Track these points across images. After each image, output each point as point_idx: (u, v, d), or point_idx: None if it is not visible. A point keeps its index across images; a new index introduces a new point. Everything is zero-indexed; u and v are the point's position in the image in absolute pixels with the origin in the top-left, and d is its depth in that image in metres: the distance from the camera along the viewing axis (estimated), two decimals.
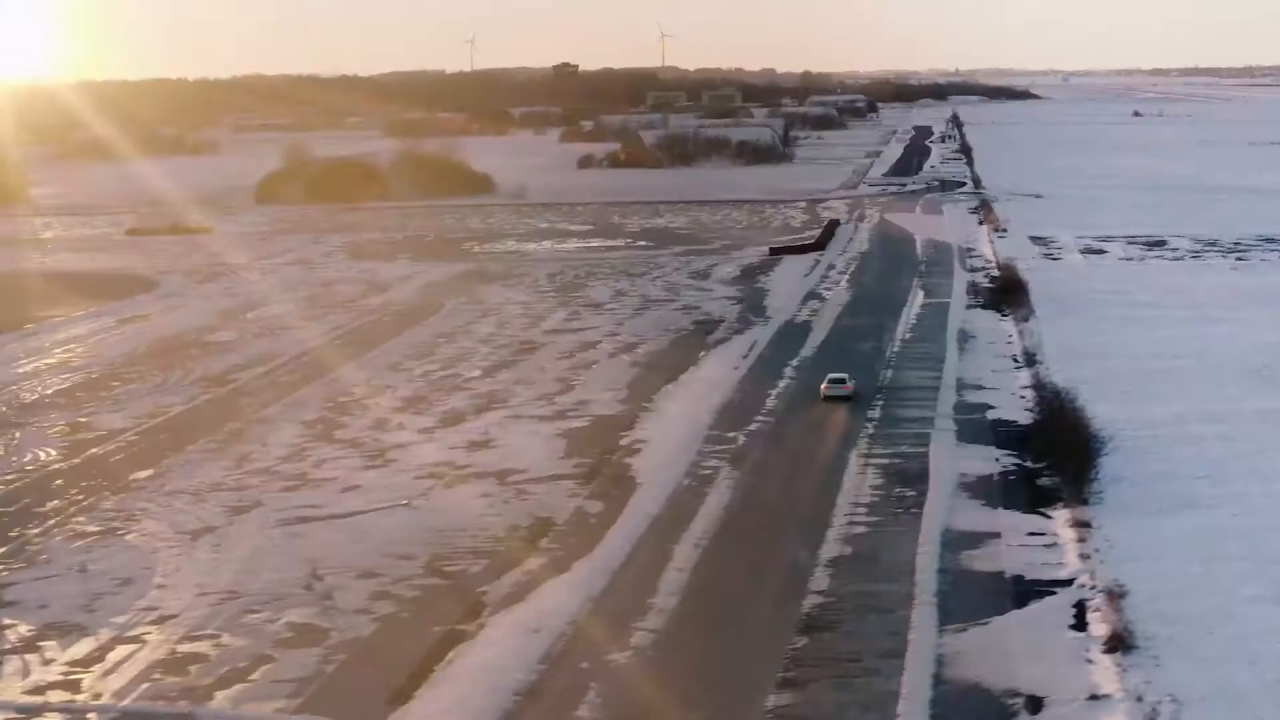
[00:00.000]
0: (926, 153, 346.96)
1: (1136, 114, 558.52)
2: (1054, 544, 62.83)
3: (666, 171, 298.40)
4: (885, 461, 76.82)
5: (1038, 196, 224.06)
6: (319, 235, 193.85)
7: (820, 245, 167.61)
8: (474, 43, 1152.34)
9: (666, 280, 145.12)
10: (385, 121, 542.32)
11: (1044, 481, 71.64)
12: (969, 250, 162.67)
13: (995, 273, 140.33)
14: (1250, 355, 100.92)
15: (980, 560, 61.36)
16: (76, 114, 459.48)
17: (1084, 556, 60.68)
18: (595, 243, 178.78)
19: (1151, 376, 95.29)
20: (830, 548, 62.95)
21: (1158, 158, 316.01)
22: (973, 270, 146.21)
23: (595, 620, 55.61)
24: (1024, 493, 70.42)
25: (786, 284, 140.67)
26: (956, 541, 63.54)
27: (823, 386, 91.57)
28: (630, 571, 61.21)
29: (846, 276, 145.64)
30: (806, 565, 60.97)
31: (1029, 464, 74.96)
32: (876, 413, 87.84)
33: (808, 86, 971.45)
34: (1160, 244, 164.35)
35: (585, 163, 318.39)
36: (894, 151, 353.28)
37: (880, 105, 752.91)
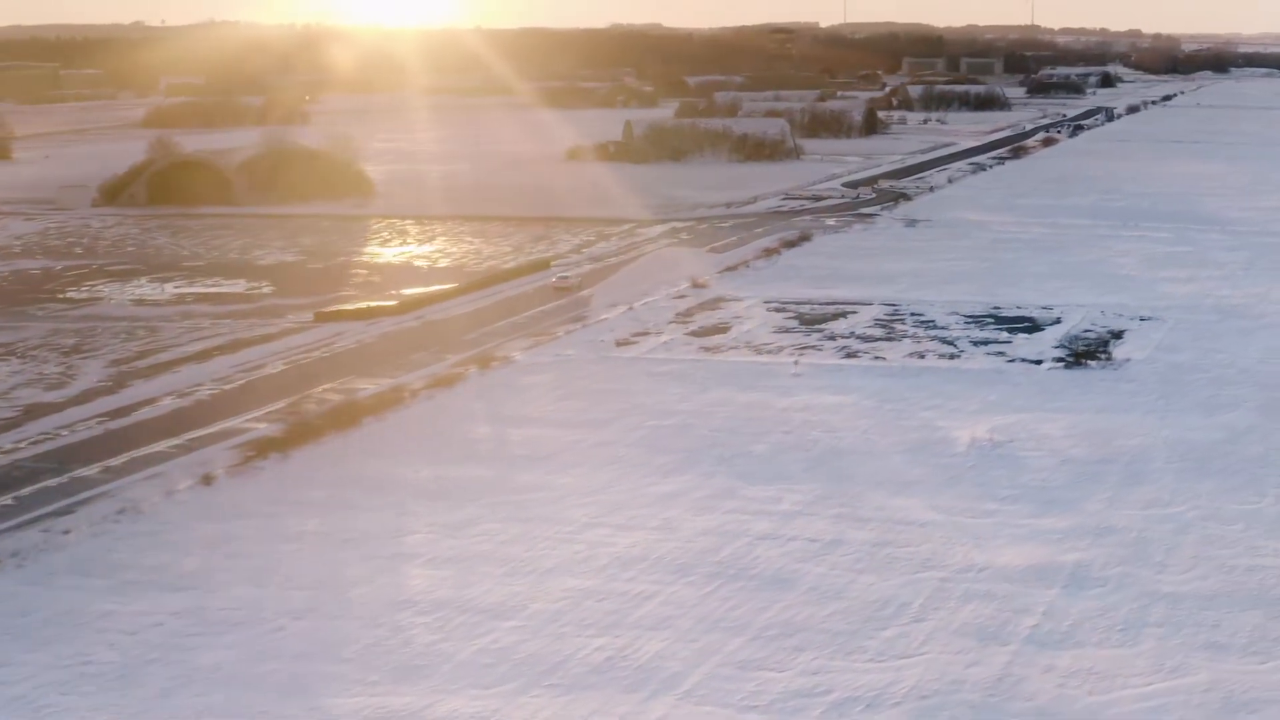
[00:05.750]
0: (991, 149, 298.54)
1: None
2: None
3: (642, 167, 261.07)
4: None
5: (911, 224, 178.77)
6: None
7: (409, 307, 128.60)
8: None
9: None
10: (529, 89, 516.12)
11: None
12: (581, 320, 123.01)
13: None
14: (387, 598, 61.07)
15: None
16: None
17: None
18: (204, 289, 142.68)
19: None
20: None
21: (1235, 164, 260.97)
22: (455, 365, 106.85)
23: None
24: None
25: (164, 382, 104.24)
26: None
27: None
28: None
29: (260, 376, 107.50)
30: None
31: None
32: None
33: (1087, 55, 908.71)
34: (840, 317, 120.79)
35: (573, 155, 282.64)
36: (958, 146, 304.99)
37: (1133, 78, 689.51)
